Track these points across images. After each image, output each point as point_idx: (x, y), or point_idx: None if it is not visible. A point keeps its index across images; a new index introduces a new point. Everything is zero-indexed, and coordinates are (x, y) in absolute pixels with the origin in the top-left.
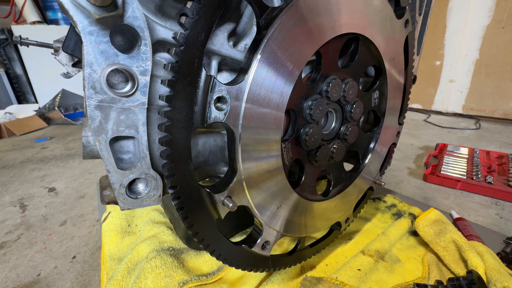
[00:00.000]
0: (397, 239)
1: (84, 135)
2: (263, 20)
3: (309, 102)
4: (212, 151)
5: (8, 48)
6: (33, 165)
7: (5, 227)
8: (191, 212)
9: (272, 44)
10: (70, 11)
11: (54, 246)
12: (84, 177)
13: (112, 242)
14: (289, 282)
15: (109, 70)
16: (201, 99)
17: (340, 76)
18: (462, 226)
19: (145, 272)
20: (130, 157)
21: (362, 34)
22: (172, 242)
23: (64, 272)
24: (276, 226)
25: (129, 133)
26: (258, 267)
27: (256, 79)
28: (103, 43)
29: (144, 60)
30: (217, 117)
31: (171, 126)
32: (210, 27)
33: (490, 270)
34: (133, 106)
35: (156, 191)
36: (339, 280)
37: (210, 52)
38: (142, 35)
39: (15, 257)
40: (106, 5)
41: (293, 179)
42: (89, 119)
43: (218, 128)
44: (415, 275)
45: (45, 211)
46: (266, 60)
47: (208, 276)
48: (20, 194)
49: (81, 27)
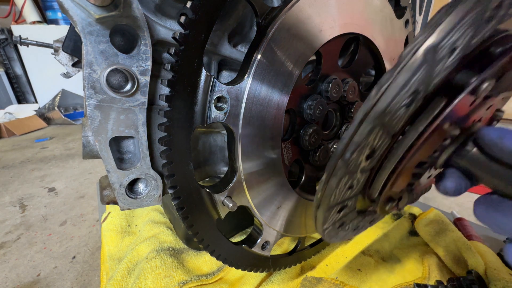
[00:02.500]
0: (397, 239)
1: (84, 135)
2: (263, 20)
3: (309, 102)
4: (212, 151)
5: (8, 48)
6: (33, 165)
7: (5, 227)
8: (191, 212)
9: (272, 44)
10: (70, 11)
11: (54, 246)
12: (84, 177)
13: (112, 242)
14: (289, 282)
15: (109, 70)
16: (201, 99)
17: (340, 76)
18: (463, 226)
19: (145, 272)
20: (130, 157)
21: (362, 34)
22: (172, 242)
23: (64, 272)
24: (276, 226)
25: (129, 133)
26: (258, 267)
27: (256, 79)
28: (103, 43)
29: (144, 60)
30: (217, 117)
31: (171, 126)
32: (210, 27)
33: (490, 270)
34: (133, 106)
35: (156, 191)
36: (339, 280)
37: (210, 52)
38: (142, 35)
39: (15, 257)
40: (106, 5)
41: (293, 179)
42: (89, 119)
43: (218, 128)
44: (415, 275)
45: (45, 211)
46: (266, 60)
47: (208, 276)
48: (20, 194)
49: (81, 27)
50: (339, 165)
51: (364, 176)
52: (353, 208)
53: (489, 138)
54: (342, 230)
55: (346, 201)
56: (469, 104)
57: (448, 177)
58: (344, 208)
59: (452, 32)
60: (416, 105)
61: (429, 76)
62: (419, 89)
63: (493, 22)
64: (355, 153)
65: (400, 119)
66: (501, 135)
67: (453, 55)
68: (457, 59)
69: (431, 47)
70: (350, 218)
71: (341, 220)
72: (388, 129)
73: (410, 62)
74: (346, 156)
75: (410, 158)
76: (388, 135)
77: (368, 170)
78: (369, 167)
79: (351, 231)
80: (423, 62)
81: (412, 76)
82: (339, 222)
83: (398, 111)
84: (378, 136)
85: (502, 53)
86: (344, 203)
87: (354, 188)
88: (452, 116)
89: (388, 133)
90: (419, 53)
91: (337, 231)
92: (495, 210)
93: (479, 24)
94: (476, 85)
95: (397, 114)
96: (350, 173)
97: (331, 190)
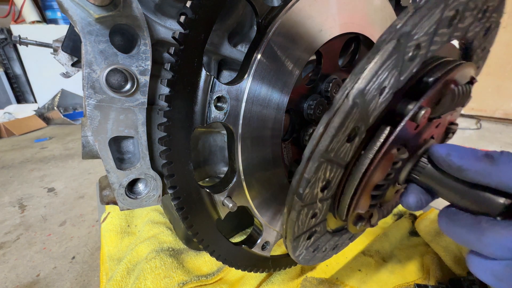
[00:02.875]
0: (398, 239)
1: (83, 135)
2: (263, 19)
3: (309, 102)
4: (212, 151)
5: (7, 48)
6: (32, 165)
7: (4, 227)
8: (191, 213)
9: (272, 44)
10: (70, 11)
11: (53, 247)
12: (84, 177)
13: (112, 242)
14: (289, 283)
15: (108, 69)
16: (201, 99)
17: (340, 76)
18: None
19: (144, 273)
20: (129, 157)
21: (362, 33)
22: (171, 243)
23: (63, 273)
24: (277, 226)
25: (128, 133)
26: (258, 267)
27: (256, 79)
28: (102, 42)
29: (144, 60)
30: (217, 117)
31: (171, 126)
32: (210, 26)
33: None
34: (132, 106)
35: (155, 191)
36: (340, 281)
37: (210, 52)
38: (141, 35)
39: (15, 258)
40: (106, 4)
41: None
42: (89, 119)
43: (218, 128)
44: (416, 275)
45: (44, 212)
46: (266, 60)
47: (208, 276)
48: (19, 194)
49: (80, 27)
50: (296, 200)
51: (325, 204)
52: (324, 231)
53: (438, 156)
54: (319, 252)
55: (313, 228)
56: (414, 128)
57: (410, 193)
58: (313, 234)
59: (375, 77)
60: (360, 138)
61: (365, 114)
62: (358, 125)
63: (417, 59)
64: (307, 188)
65: (347, 152)
66: (448, 152)
67: (384, 93)
68: (390, 94)
69: (358, 92)
70: (324, 240)
71: (315, 244)
72: (337, 162)
73: (342, 106)
74: (299, 191)
75: (366, 182)
76: (340, 166)
77: (328, 198)
78: (328, 196)
79: (329, 251)
80: (353, 105)
81: (346, 117)
82: (312, 247)
83: (342, 147)
84: (328, 170)
85: (434, 82)
86: (311, 230)
87: (319, 215)
88: (399, 141)
89: (339, 165)
90: (349, 98)
91: (312, 255)
92: (453, 222)
93: (402, 64)
94: (414, 112)
95: (342, 149)
96: (308, 205)
97: (293, 223)
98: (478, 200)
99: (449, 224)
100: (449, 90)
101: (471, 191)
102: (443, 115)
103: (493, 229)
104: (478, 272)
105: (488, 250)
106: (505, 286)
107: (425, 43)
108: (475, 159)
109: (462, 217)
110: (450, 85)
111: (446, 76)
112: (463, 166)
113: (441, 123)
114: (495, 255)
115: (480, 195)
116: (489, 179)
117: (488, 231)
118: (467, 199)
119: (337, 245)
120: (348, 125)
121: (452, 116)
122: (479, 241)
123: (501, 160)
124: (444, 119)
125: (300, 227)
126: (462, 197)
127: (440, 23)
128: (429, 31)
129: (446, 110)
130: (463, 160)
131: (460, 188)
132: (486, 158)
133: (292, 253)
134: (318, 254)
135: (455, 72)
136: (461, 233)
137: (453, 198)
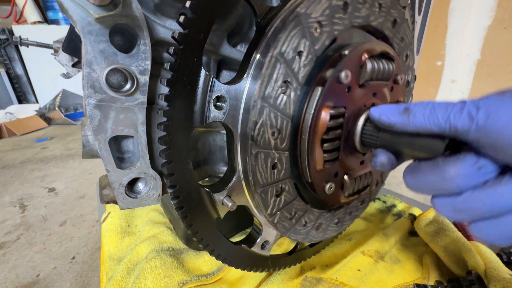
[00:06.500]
0: (397, 239)
1: (83, 135)
2: (262, 19)
3: None
4: (211, 150)
5: (9, 48)
6: (33, 165)
7: (4, 227)
8: (191, 212)
9: (271, 44)
10: (70, 11)
11: (53, 247)
12: (84, 178)
13: (112, 242)
14: (289, 282)
15: (108, 69)
16: (200, 99)
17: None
18: (462, 226)
19: (144, 273)
20: (129, 156)
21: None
22: (171, 242)
23: (63, 273)
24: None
25: (128, 132)
26: (258, 267)
27: (255, 79)
28: (102, 42)
29: (143, 60)
30: (216, 116)
31: (170, 125)
32: (209, 26)
33: (490, 270)
34: (132, 105)
35: (155, 190)
36: (339, 281)
37: (209, 51)
38: (141, 35)
39: (15, 258)
40: (105, 4)
41: None
42: (89, 118)
43: (217, 127)
44: (415, 275)
45: (44, 212)
46: (265, 60)
47: (208, 276)
48: (20, 194)
49: (80, 27)
50: (250, 143)
51: (283, 156)
52: (294, 195)
53: (373, 118)
54: (298, 224)
55: (279, 183)
56: (346, 91)
57: (378, 154)
58: (281, 192)
59: (286, 41)
60: (296, 93)
61: (290, 71)
62: (288, 79)
63: (324, 34)
64: (256, 130)
65: (288, 104)
66: (380, 112)
67: (303, 56)
68: (310, 59)
69: (278, 53)
70: (300, 209)
71: (289, 209)
72: (280, 111)
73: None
74: (251, 134)
75: (313, 134)
76: (285, 116)
77: (284, 150)
78: (282, 147)
79: (313, 230)
80: (276, 60)
81: (273, 69)
82: (286, 210)
83: (278, 96)
84: (273, 118)
85: (349, 53)
86: (277, 185)
87: (281, 169)
88: (332, 99)
89: (284, 115)
90: (272, 56)
91: (291, 223)
92: (416, 173)
93: (310, 36)
94: (335, 75)
95: (280, 99)
96: (263, 150)
97: (254, 167)
98: (424, 146)
99: (413, 176)
100: (364, 58)
101: (417, 140)
102: (373, 83)
103: (449, 164)
104: (442, 210)
105: (452, 184)
106: (465, 216)
107: (326, 22)
108: (398, 114)
109: (422, 165)
110: (362, 55)
111: (356, 48)
112: (391, 122)
113: (378, 93)
114: (459, 187)
115: (424, 141)
116: (411, 128)
117: (446, 166)
118: (415, 148)
119: (321, 226)
120: (277, 77)
121: (398, 93)
122: (443, 179)
123: (415, 109)
124: (381, 89)
125: (262, 174)
126: (412, 148)
127: (333, 9)
128: (324, 13)
129: (373, 78)
130: (390, 117)
131: (406, 141)
132: (405, 111)
133: (264, 210)
134: (299, 226)
135: (363, 45)
136: (425, 179)
137: (407, 152)
